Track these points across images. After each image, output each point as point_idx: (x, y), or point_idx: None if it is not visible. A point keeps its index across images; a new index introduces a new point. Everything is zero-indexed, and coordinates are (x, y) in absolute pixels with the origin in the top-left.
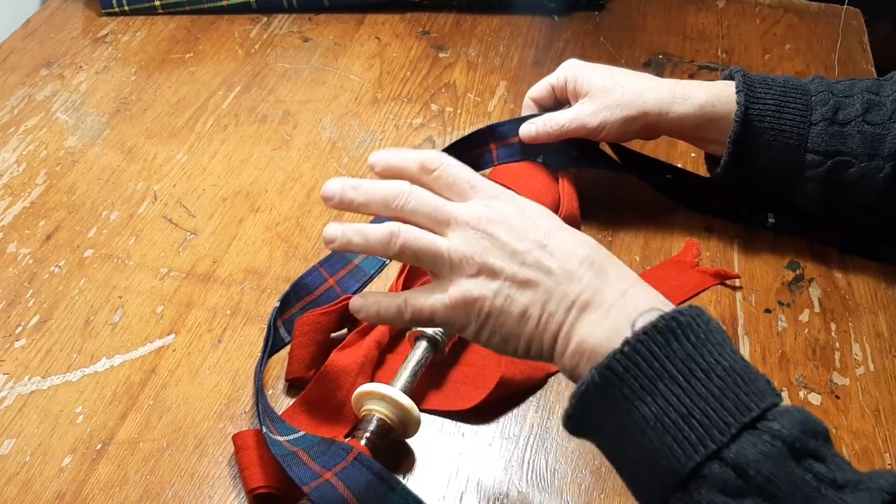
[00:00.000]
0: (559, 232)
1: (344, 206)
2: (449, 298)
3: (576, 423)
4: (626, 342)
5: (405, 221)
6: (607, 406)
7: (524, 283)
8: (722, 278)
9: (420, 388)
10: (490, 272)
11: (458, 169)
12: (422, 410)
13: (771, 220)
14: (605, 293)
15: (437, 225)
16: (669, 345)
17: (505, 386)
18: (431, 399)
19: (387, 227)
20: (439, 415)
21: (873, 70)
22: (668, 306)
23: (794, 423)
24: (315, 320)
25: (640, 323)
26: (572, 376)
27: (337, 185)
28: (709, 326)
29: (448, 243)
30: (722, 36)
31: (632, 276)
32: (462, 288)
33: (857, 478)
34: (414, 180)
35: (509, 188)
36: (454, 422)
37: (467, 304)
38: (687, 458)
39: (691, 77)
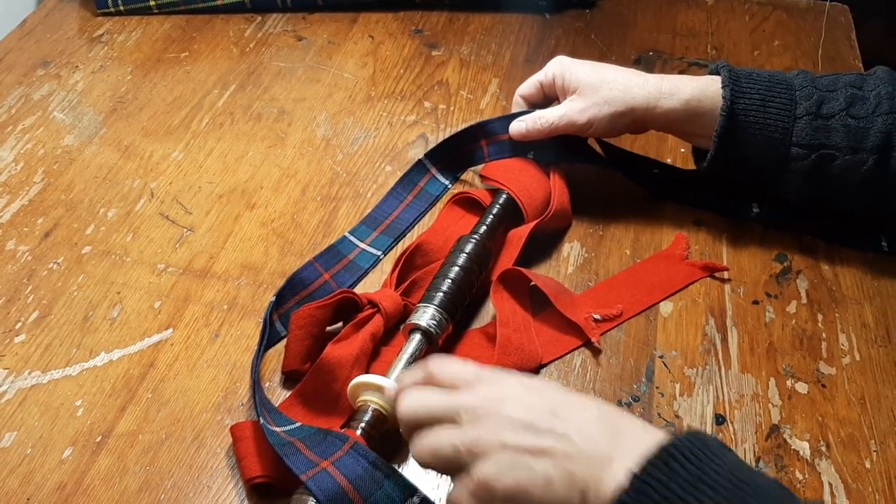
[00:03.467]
0: (567, 397)
1: None
2: (473, 484)
3: None
4: (632, 475)
5: None
6: None
7: (542, 452)
8: (711, 271)
9: None
10: (506, 449)
11: (455, 364)
12: None
13: (755, 211)
14: (624, 444)
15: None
16: (672, 468)
17: None
18: None
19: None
20: None
21: (861, 66)
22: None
23: None
24: (310, 314)
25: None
26: None
27: None
28: (706, 443)
29: (461, 434)
30: (711, 33)
31: (643, 425)
32: (482, 471)
33: None
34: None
35: (502, 183)
36: None
37: (489, 485)
38: None
39: (681, 73)
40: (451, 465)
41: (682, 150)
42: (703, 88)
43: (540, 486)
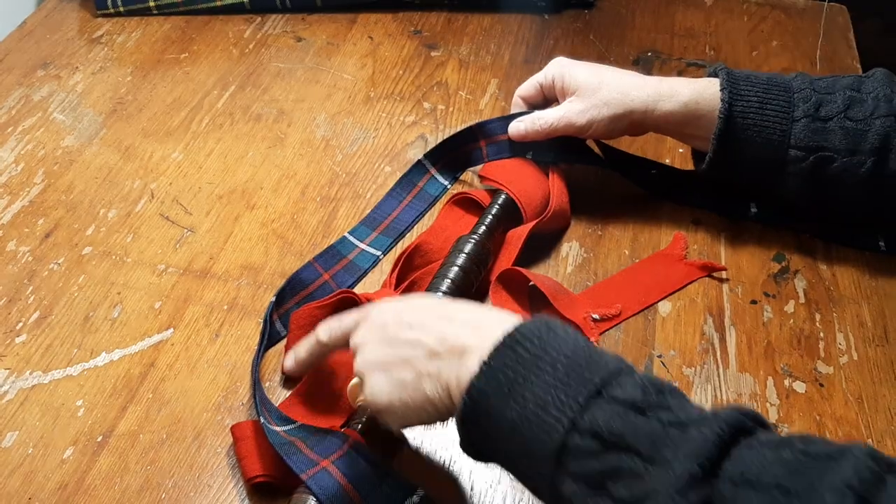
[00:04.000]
0: (422, 309)
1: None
2: (364, 402)
3: (470, 449)
4: (482, 362)
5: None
6: (483, 423)
7: (404, 362)
8: (709, 271)
9: None
10: (377, 367)
11: (339, 324)
12: None
13: (753, 210)
14: (478, 336)
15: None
16: (517, 352)
17: None
18: None
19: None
20: None
21: (859, 66)
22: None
23: (636, 385)
24: (310, 314)
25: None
26: None
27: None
28: (550, 326)
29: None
30: (710, 33)
31: (497, 317)
32: (364, 396)
33: (701, 416)
34: (325, 352)
35: (501, 184)
36: None
37: (373, 405)
38: (551, 439)
39: (680, 74)
40: (359, 394)
41: (681, 150)
42: (702, 91)
43: (410, 391)
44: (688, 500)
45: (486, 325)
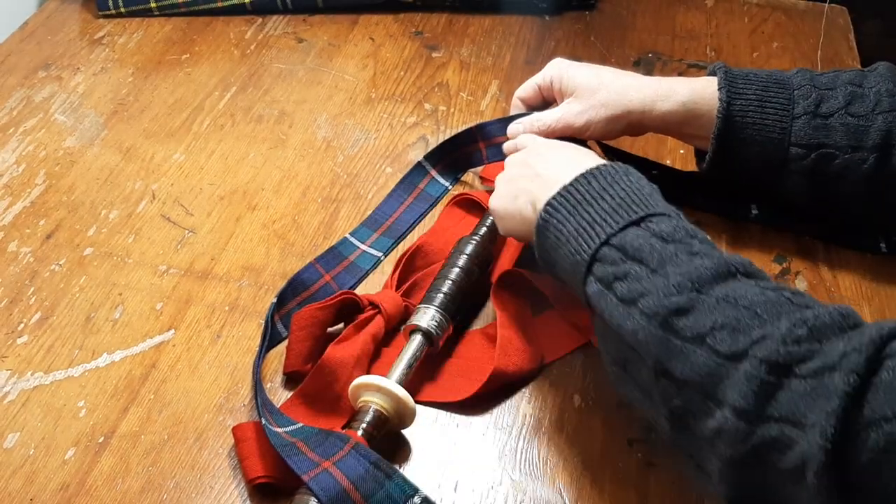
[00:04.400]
0: (562, 147)
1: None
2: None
3: (541, 256)
4: (563, 186)
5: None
6: (550, 234)
7: (518, 178)
8: None
9: (415, 381)
10: (504, 179)
11: (528, 138)
12: (417, 402)
13: (754, 212)
14: (571, 171)
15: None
16: (590, 183)
17: (498, 378)
18: (426, 391)
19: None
20: (434, 406)
21: (860, 67)
22: None
23: (670, 224)
24: (312, 315)
25: None
26: None
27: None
28: (627, 171)
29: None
30: (711, 34)
31: (597, 160)
32: (496, 187)
33: (711, 252)
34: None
35: None
36: (449, 413)
37: (492, 209)
38: (588, 248)
39: (680, 75)
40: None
41: (682, 151)
42: (700, 90)
43: (510, 200)
44: (670, 301)
45: (583, 163)
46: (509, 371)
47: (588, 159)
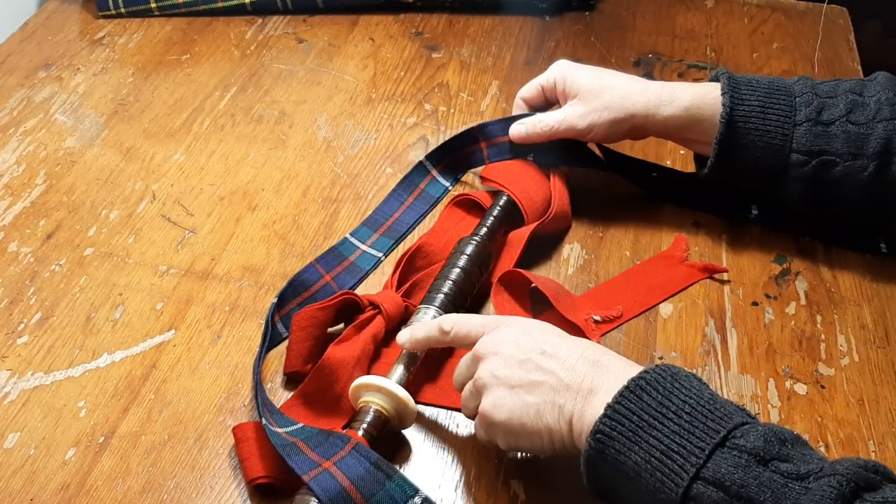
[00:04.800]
0: (557, 339)
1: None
2: (479, 416)
3: (595, 488)
4: (608, 406)
5: None
6: (608, 466)
7: (532, 385)
8: (710, 272)
9: (416, 382)
10: (503, 383)
11: (465, 322)
12: (417, 403)
13: (754, 213)
14: (605, 379)
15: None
16: (642, 399)
17: None
18: (426, 392)
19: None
20: (435, 407)
21: (860, 68)
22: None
23: (758, 436)
24: (312, 315)
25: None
26: None
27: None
28: (675, 375)
29: (472, 375)
30: (710, 35)
31: (626, 362)
32: (483, 405)
33: (819, 467)
34: (442, 343)
35: (502, 185)
36: (449, 413)
37: (488, 416)
38: (676, 486)
39: (680, 76)
40: (471, 401)
41: (682, 152)
42: (703, 95)
43: (531, 415)
44: None
45: (614, 367)
46: None
47: (610, 358)
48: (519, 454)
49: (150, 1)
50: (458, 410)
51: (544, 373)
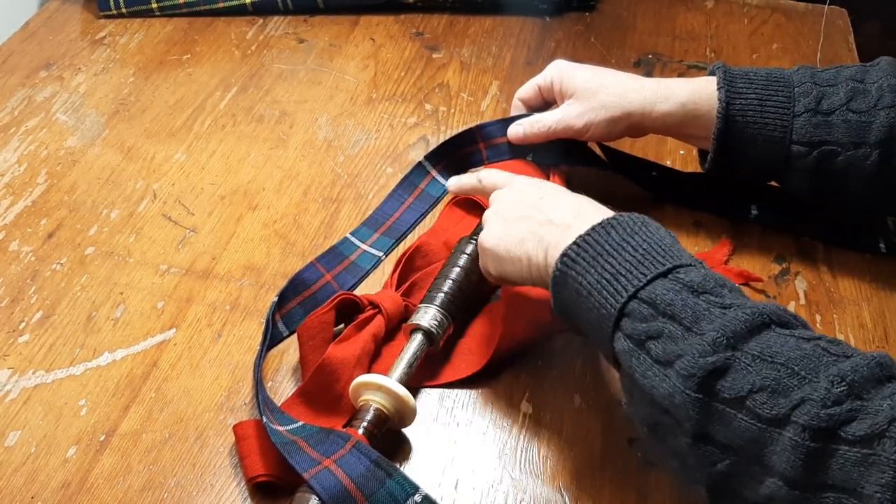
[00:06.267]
0: (559, 191)
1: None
2: (478, 247)
3: (559, 308)
4: (578, 237)
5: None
6: (569, 287)
7: (521, 219)
8: (745, 279)
9: (429, 367)
10: (500, 217)
11: (495, 176)
12: (433, 387)
13: (754, 212)
14: (585, 219)
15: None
16: (609, 234)
17: (507, 341)
18: (443, 373)
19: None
20: (446, 387)
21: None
22: None
23: (700, 275)
24: (320, 321)
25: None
26: None
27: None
28: (645, 222)
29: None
30: (710, 36)
31: (609, 211)
32: (481, 237)
33: (743, 302)
34: (478, 190)
35: None
36: (449, 412)
37: (483, 246)
38: (616, 301)
39: (681, 76)
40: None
41: (682, 151)
42: (699, 91)
43: (515, 242)
44: (706, 362)
45: (595, 213)
46: (518, 333)
47: (597, 209)
48: (517, 454)
49: (151, 1)
50: (460, 410)
51: (535, 210)
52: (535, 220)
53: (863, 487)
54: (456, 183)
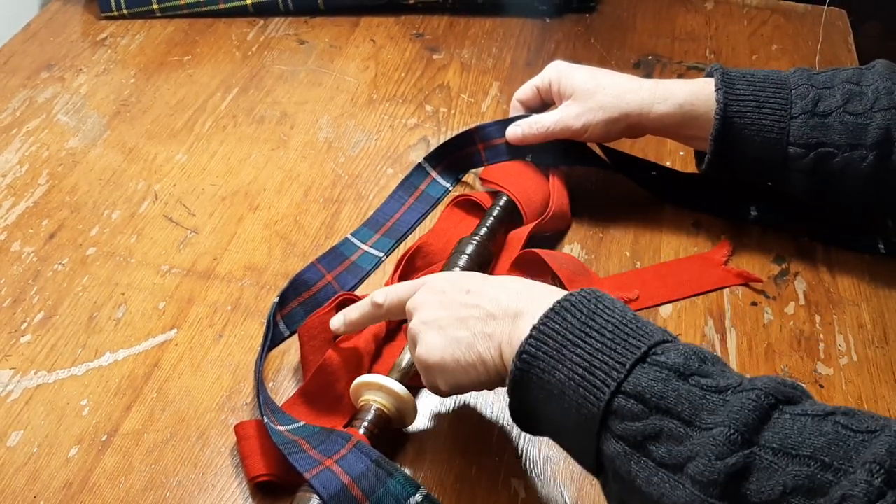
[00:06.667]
0: (481, 279)
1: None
2: (417, 367)
3: (520, 415)
4: (533, 328)
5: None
6: (534, 386)
7: (459, 321)
8: (745, 280)
9: None
10: (432, 326)
11: (395, 290)
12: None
13: (753, 213)
14: (530, 304)
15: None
16: (566, 319)
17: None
18: None
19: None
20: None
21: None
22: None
23: (679, 353)
24: (321, 321)
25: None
26: None
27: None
28: (599, 297)
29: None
30: (710, 37)
31: (550, 289)
32: (416, 354)
33: (738, 382)
34: (378, 317)
35: (501, 186)
36: (450, 411)
37: (423, 362)
38: (598, 401)
39: (680, 77)
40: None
41: (682, 152)
42: (697, 92)
43: (463, 349)
44: (725, 465)
45: (538, 294)
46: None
47: (532, 287)
48: (518, 454)
49: (152, 2)
50: (460, 408)
51: (470, 308)
52: (473, 317)
53: None
54: (342, 320)
